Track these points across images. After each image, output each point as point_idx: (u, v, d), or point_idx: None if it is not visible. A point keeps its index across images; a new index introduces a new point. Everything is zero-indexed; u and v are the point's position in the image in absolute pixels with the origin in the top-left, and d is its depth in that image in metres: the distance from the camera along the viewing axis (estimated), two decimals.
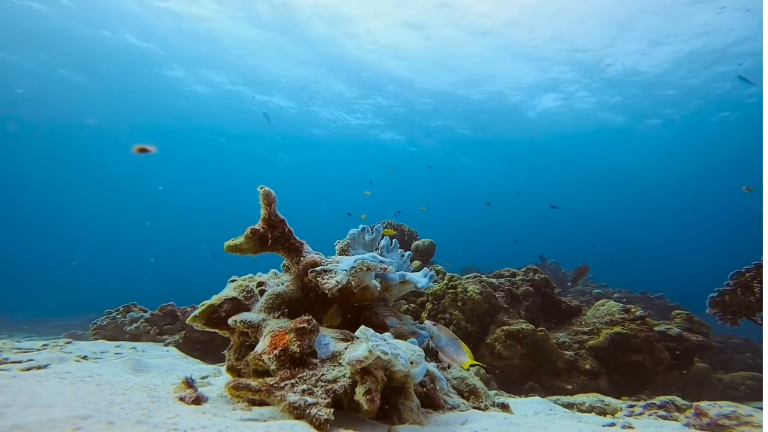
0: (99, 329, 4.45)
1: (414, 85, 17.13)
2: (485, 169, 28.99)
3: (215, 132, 25.27)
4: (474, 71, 15.67)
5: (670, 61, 13.84)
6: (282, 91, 18.24)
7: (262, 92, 18.51)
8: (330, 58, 15.33)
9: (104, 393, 1.31)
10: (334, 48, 14.59)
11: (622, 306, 4.49)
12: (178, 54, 15.37)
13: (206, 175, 37.17)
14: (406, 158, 26.33)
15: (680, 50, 13.10)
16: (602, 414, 2.63)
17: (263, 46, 14.50)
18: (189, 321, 1.59)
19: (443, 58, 14.87)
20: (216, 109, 20.73)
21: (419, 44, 14.08)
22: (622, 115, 18.48)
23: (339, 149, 25.90)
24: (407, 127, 21.27)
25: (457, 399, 1.76)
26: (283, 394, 1.20)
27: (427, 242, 6.52)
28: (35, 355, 2.17)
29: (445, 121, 20.58)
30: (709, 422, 1.91)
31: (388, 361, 1.22)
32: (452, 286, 4.53)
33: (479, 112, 19.08)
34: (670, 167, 27.15)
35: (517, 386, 3.89)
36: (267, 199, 1.61)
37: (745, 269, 3.90)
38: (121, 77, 17.32)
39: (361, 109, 19.72)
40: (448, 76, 16.31)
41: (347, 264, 1.61)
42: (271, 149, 28.12)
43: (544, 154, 25.23)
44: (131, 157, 31.03)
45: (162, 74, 17.04)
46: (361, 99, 18.69)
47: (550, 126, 19.84)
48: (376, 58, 15.13)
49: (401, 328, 1.77)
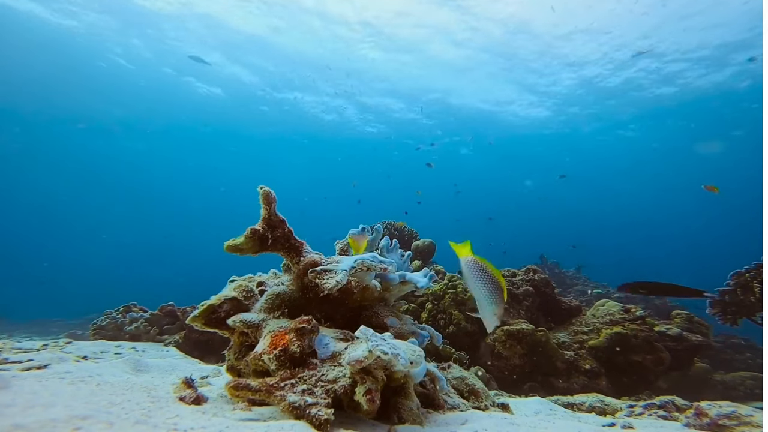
0: (99, 329, 4.45)
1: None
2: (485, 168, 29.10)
3: (222, 133, 25.27)
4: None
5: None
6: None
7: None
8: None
9: (104, 393, 1.31)
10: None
11: (622, 306, 4.49)
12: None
13: (210, 175, 37.22)
14: (407, 159, 26.41)
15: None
16: (602, 414, 2.63)
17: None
18: (189, 321, 1.59)
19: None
20: (216, 110, 20.74)
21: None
22: (624, 115, 18.51)
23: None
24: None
25: (457, 399, 1.76)
26: (283, 394, 1.20)
27: (427, 242, 6.52)
28: (35, 355, 2.17)
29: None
30: (709, 422, 1.91)
31: (388, 361, 1.22)
32: (452, 286, 4.53)
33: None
34: (670, 167, 27.19)
35: (517, 386, 3.89)
36: (267, 199, 1.61)
37: (745, 269, 3.90)
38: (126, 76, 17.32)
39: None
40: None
41: (347, 264, 1.61)
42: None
43: (545, 155, 25.29)
44: (132, 157, 31.12)
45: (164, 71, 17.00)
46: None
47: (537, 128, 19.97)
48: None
49: (401, 328, 1.77)
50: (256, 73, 16.90)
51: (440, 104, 18.66)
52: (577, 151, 23.94)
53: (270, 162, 31.82)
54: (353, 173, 25.87)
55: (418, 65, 15.31)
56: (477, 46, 13.82)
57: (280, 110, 20.37)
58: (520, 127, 20.31)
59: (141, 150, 29.32)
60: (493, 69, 15.14)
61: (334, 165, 30.13)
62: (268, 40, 14.24)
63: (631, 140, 21.50)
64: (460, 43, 13.69)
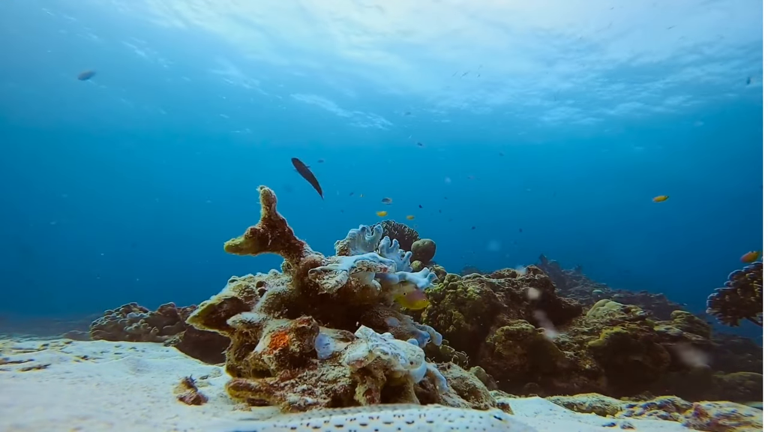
0: (99, 329, 4.44)
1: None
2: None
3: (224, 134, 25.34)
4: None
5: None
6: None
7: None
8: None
9: (104, 393, 1.31)
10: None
11: (622, 306, 4.49)
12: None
13: (217, 175, 37.22)
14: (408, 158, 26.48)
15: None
16: (602, 414, 2.63)
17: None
18: (189, 321, 1.59)
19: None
20: (216, 110, 20.74)
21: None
22: (625, 114, 18.52)
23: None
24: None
25: (457, 399, 1.76)
26: (283, 394, 1.20)
27: (427, 242, 6.52)
28: (35, 355, 2.17)
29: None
30: (709, 422, 1.91)
31: (388, 361, 1.22)
32: (452, 286, 4.53)
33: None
34: (671, 166, 27.17)
35: (517, 386, 3.89)
36: (267, 200, 1.61)
37: (745, 269, 3.91)
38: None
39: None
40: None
41: (347, 264, 1.60)
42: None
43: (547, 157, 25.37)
44: (131, 157, 31.13)
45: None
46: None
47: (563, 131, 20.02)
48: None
49: (401, 328, 1.77)
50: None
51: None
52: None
53: (270, 162, 31.85)
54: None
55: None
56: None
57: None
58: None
59: (143, 150, 29.46)
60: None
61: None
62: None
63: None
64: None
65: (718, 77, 14.54)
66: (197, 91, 18.97)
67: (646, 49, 13.31)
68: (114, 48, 15.18)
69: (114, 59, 15.78)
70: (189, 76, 17.54)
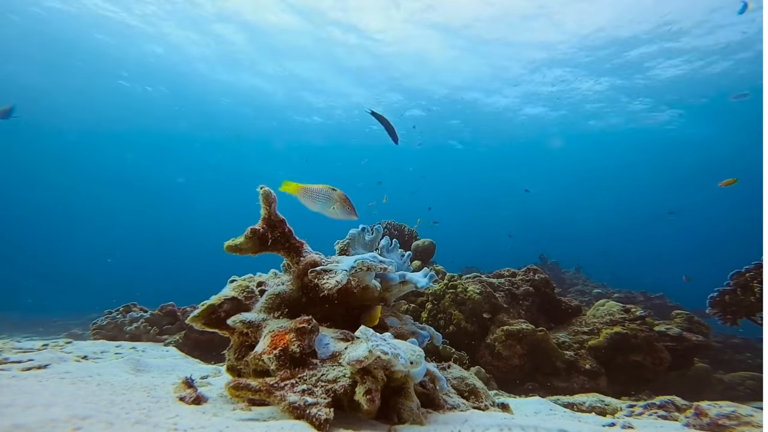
0: (99, 329, 4.45)
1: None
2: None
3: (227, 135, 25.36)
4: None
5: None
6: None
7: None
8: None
9: (104, 393, 1.31)
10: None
11: (622, 306, 4.49)
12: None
13: (217, 177, 37.25)
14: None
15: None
16: (602, 414, 2.63)
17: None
18: (189, 321, 1.59)
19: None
20: (217, 109, 20.75)
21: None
22: (625, 114, 18.51)
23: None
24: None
25: (457, 399, 1.76)
26: (283, 394, 1.20)
27: (427, 242, 6.52)
28: (35, 354, 2.17)
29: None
30: (709, 422, 1.91)
31: (388, 361, 1.22)
32: (452, 286, 4.53)
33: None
34: (669, 167, 27.16)
35: (517, 386, 3.89)
36: (267, 199, 1.61)
37: (745, 269, 3.90)
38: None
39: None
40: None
41: (347, 264, 1.60)
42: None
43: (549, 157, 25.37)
44: (132, 157, 31.15)
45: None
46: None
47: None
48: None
49: (401, 328, 1.77)
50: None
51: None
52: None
53: (269, 162, 31.92)
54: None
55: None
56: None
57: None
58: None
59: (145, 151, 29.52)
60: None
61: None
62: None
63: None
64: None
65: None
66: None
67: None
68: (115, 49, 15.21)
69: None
70: (190, 76, 17.57)
